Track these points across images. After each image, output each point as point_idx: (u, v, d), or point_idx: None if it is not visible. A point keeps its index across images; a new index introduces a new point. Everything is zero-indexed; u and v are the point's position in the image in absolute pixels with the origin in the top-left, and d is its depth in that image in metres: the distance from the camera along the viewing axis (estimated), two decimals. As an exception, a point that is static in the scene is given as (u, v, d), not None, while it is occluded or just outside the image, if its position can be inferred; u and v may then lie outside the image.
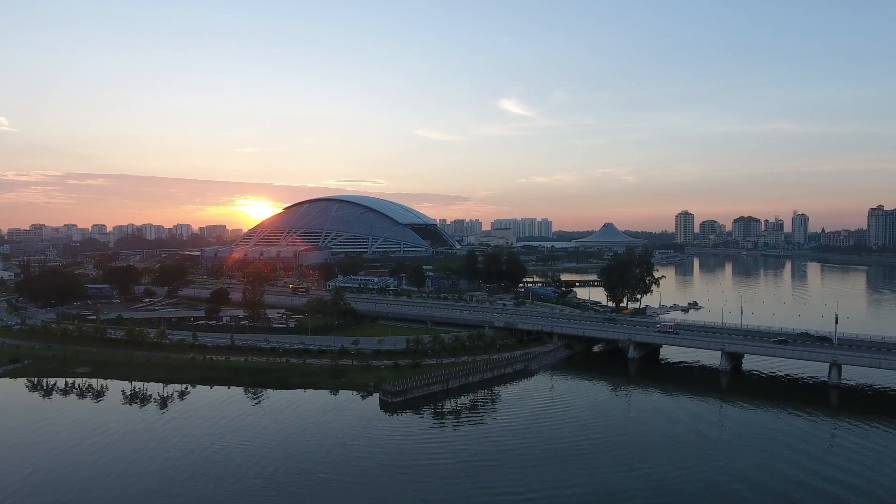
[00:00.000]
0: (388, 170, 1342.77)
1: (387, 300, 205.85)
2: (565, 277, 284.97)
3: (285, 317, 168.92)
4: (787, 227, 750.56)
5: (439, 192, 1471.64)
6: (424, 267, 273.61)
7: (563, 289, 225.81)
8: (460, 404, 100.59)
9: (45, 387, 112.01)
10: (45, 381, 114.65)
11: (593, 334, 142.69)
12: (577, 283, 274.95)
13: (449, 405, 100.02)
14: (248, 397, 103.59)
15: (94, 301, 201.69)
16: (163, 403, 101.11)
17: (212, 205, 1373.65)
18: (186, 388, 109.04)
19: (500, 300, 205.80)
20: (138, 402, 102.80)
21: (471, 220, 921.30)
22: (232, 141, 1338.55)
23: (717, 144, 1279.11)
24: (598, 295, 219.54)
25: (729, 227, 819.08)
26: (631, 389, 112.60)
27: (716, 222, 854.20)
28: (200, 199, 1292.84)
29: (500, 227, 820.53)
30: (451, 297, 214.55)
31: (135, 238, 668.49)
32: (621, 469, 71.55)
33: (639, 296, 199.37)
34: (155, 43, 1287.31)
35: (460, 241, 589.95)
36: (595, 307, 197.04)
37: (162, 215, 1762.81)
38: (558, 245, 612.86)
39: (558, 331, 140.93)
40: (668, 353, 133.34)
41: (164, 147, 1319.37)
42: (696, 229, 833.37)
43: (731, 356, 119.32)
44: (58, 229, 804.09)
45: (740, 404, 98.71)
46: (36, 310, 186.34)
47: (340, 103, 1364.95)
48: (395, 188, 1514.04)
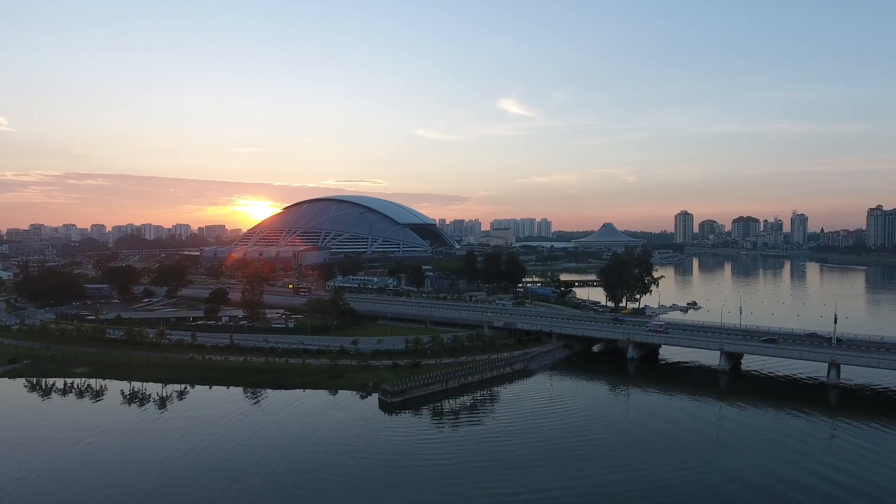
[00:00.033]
0: (387, 170, 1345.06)
1: (386, 300, 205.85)
2: (564, 277, 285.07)
3: (284, 317, 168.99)
4: (786, 227, 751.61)
5: (439, 192, 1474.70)
6: (424, 267, 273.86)
7: (563, 289, 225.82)
8: (459, 404, 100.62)
9: (44, 387, 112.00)
10: (43, 381, 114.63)
11: (592, 334, 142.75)
12: (577, 283, 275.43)
13: (448, 405, 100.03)
14: (246, 397, 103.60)
15: (93, 301, 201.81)
16: (161, 403, 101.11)
17: (211, 205, 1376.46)
18: (185, 388, 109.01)
19: (500, 300, 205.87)
20: (137, 402, 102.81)
21: (470, 220, 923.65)
22: (231, 141, 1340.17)
23: (717, 144, 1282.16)
24: (598, 295, 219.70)
25: (728, 227, 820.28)
26: (630, 389, 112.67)
27: (715, 222, 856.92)
28: (200, 199, 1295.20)
29: (499, 227, 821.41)
30: (450, 297, 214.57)
31: (134, 238, 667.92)
32: (620, 470, 71.56)
33: (638, 296, 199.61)
34: (154, 43, 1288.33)
35: (459, 241, 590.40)
36: (594, 307, 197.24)
37: (161, 215, 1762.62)
38: (557, 245, 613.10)
39: (557, 331, 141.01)
40: (668, 353, 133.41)
41: (163, 147, 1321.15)
42: (696, 229, 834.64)
43: (730, 356, 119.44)
44: (57, 229, 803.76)
45: (739, 404, 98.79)
46: (35, 310, 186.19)
47: (340, 103, 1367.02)
48: (394, 188, 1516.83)
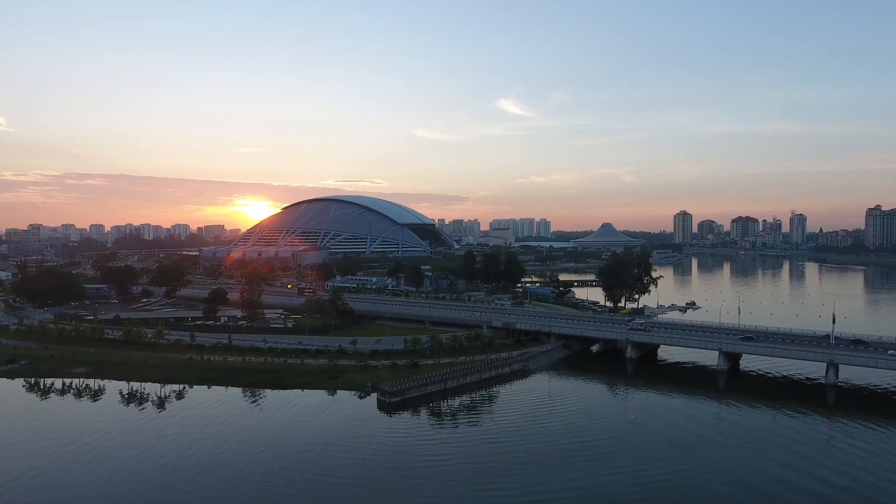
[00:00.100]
0: (386, 170, 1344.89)
1: (385, 300, 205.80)
2: (563, 277, 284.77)
3: (283, 317, 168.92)
4: (785, 227, 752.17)
5: (438, 192, 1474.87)
6: (423, 267, 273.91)
7: (561, 289, 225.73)
8: (458, 404, 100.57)
9: (42, 387, 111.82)
10: (42, 382, 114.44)
11: (591, 334, 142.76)
12: (576, 283, 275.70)
13: (446, 405, 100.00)
14: (245, 397, 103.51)
15: (91, 301, 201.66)
16: (160, 404, 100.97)
17: (210, 205, 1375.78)
18: (184, 388, 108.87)
19: (499, 300, 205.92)
20: (135, 402, 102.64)
21: (469, 220, 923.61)
22: (230, 141, 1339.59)
23: (716, 144, 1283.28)
24: (597, 295, 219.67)
25: (727, 227, 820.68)
26: (628, 390, 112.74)
27: (714, 222, 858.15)
28: (199, 199, 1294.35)
29: (498, 227, 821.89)
30: (449, 297, 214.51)
31: (133, 238, 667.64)
32: (618, 471, 71.46)
33: (637, 296, 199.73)
34: (154, 42, 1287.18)
35: (459, 241, 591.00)
36: (593, 307, 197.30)
37: (160, 215, 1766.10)
38: (557, 245, 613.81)
39: (556, 331, 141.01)
40: (666, 353, 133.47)
41: (162, 147, 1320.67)
42: (695, 229, 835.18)
43: (728, 356, 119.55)
44: (56, 229, 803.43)
45: (738, 405, 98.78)
46: (33, 310, 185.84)
47: (339, 103, 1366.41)
48: (393, 188, 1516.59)
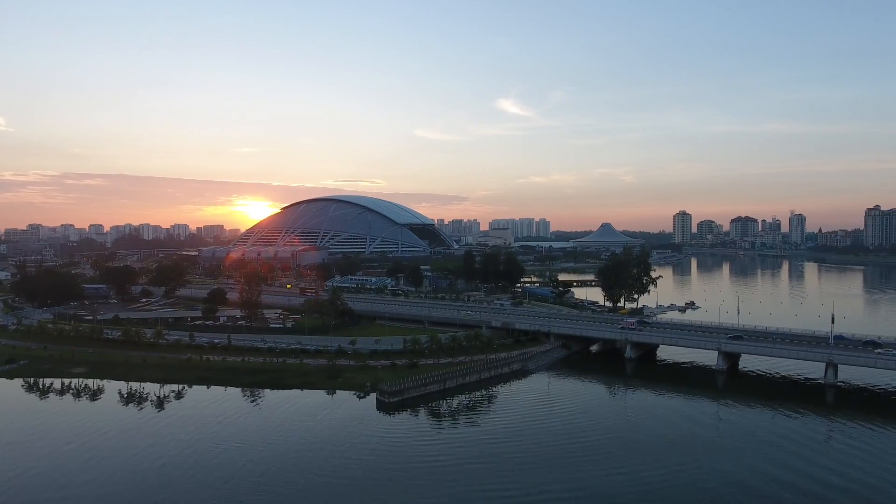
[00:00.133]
0: (386, 170, 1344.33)
1: (384, 300, 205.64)
2: (563, 277, 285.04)
3: (282, 317, 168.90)
4: (784, 227, 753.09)
5: (437, 192, 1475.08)
6: (422, 267, 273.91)
7: (561, 289, 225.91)
8: (457, 404, 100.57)
9: (42, 387, 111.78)
10: (41, 382, 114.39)
11: (590, 334, 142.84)
12: (575, 283, 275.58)
13: (446, 405, 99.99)
14: (244, 398, 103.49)
15: (90, 301, 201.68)
16: (159, 404, 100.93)
17: (209, 205, 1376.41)
18: (183, 388, 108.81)
19: (498, 300, 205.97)
20: (134, 402, 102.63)
21: (469, 220, 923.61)
22: (230, 141, 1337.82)
23: (715, 144, 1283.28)
24: (596, 295, 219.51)
25: (726, 227, 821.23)
26: (627, 390, 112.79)
27: (713, 222, 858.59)
28: (198, 199, 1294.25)
29: (497, 227, 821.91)
30: (448, 297, 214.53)
31: (132, 238, 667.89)
32: (617, 471, 71.44)
33: (636, 296, 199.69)
34: (153, 42, 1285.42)
35: (458, 241, 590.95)
36: (592, 307, 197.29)
37: (159, 215, 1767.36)
38: (556, 245, 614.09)
39: (555, 331, 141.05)
40: (666, 353, 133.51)
41: (162, 147, 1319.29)
42: (694, 229, 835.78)
43: (727, 356, 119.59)
44: (55, 229, 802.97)
45: (737, 405, 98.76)
46: (32, 310, 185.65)
47: (339, 103, 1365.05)
48: (393, 188, 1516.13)
